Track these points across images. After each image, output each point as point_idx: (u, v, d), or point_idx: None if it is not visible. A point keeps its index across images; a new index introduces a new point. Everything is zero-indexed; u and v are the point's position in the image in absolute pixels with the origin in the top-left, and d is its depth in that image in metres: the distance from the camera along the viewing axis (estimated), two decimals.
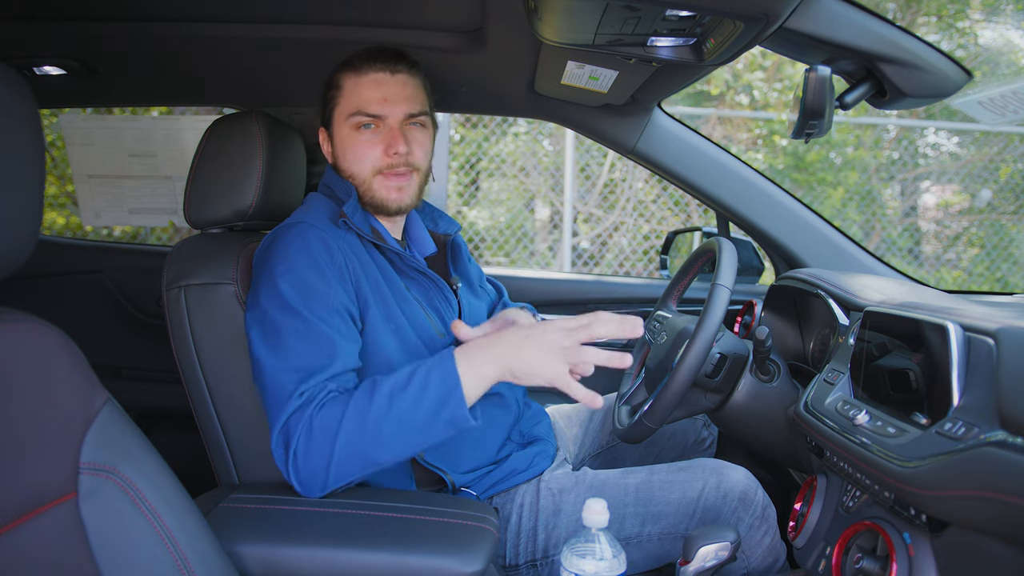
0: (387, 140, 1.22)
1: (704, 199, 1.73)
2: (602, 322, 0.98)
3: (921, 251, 5.19)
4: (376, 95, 1.22)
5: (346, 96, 1.24)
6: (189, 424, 1.24)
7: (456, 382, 0.98)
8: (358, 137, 1.23)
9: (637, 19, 0.99)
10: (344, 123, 1.24)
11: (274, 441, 1.01)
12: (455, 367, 0.99)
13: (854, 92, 1.17)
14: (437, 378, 0.99)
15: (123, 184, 2.19)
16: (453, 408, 0.98)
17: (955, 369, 0.84)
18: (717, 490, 1.22)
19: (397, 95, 1.23)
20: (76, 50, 1.46)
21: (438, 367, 1.00)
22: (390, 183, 1.23)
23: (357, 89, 1.23)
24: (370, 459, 0.99)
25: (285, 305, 1.06)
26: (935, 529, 0.84)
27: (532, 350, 0.98)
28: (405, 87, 1.24)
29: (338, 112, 1.25)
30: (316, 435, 0.98)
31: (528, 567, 1.23)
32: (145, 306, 2.12)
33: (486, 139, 4.88)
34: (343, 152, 1.25)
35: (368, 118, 1.22)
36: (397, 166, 1.23)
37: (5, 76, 0.67)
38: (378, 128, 1.23)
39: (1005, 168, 5.08)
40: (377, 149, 1.22)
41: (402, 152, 1.22)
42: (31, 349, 0.70)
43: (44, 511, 0.68)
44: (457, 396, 0.98)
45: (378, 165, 1.23)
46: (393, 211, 1.26)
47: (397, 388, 0.99)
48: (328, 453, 0.98)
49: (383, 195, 1.24)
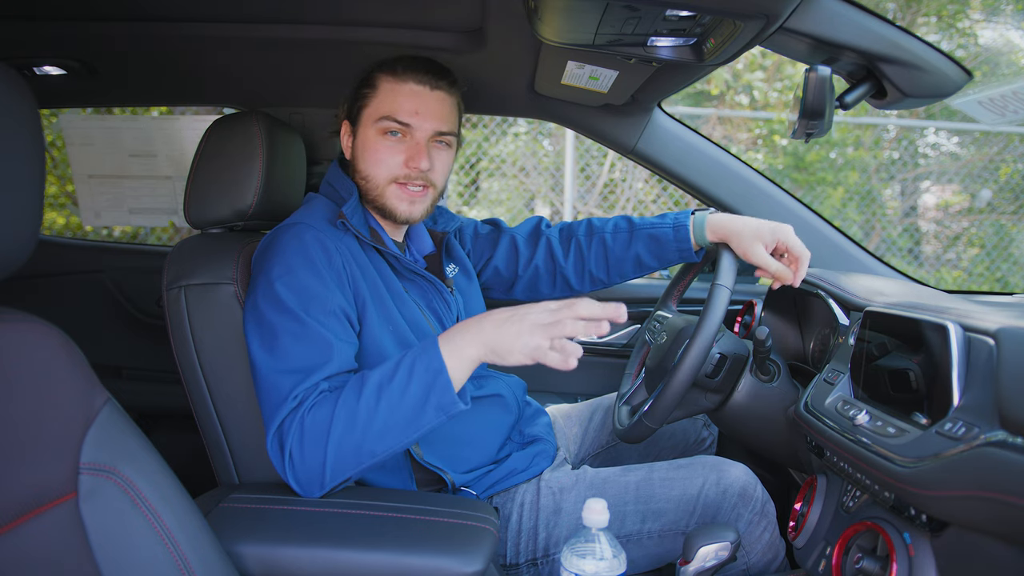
0: (411, 152, 1.21)
1: (704, 199, 1.73)
2: (585, 303, 0.97)
3: (921, 251, 5.19)
4: (410, 105, 1.21)
5: (380, 98, 1.22)
6: (189, 424, 1.24)
7: (440, 367, 0.99)
8: (382, 141, 1.22)
9: (637, 19, 0.99)
10: (372, 124, 1.22)
11: (270, 443, 1.01)
12: (439, 352, 1.00)
13: (854, 92, 1.17)
14: (422, 365, 0.99)
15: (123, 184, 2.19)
16: (440, 393, 0.98)
17: (955, 369, 0.84)
18: (717, 486, 1.22)
19: (431, 110, 1.22)
20: (76, 50, 1.46)
21: (423, 354, 1.00)
22: (404, 194, 1.23)
23: (393, 95, 1.21)
24: (364, 453, 0.99)
25: (282, 307, 1.06)
26: (935, 529, 0.84)
27: (514, 327, 0.98)
28: (441, 104, 1.23)
29: (368, 112, 1.23)
30: (308, 435, 0.99)
31: (529, 566, 1.23)
32: (145, 306, 2.12)
33: (486, 139, 4.88)
34: (363, 153, 1.24)
35: (397, 125, 1.21)
36: (415, 179, 1.22)
37: (5, 76, 0.67)
38: (404, 138, 1.22)
39: (1005, 168, 5.08)
40: (399, 158, 1.21)
41: (423, 168, 1.21)
42: (31, 349, 0.70)
43: (44, 511, 0.68)
44: (443, 381, 0.98)
45: (396, 174, 1.22)
46: (401, 221, 1.25)
47: (384, 379, 1.00)
48: (322, 452, 0.98)
49: (394, 204, 1.23)
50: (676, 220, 1.37)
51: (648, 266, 1.42)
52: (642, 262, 1.41)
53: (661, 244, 1.38)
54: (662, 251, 1.39)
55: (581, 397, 1.87)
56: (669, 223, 1.38)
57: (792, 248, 1.27)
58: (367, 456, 0.99)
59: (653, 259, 1.40)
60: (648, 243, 1.39)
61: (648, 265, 1.42)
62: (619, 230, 1.42)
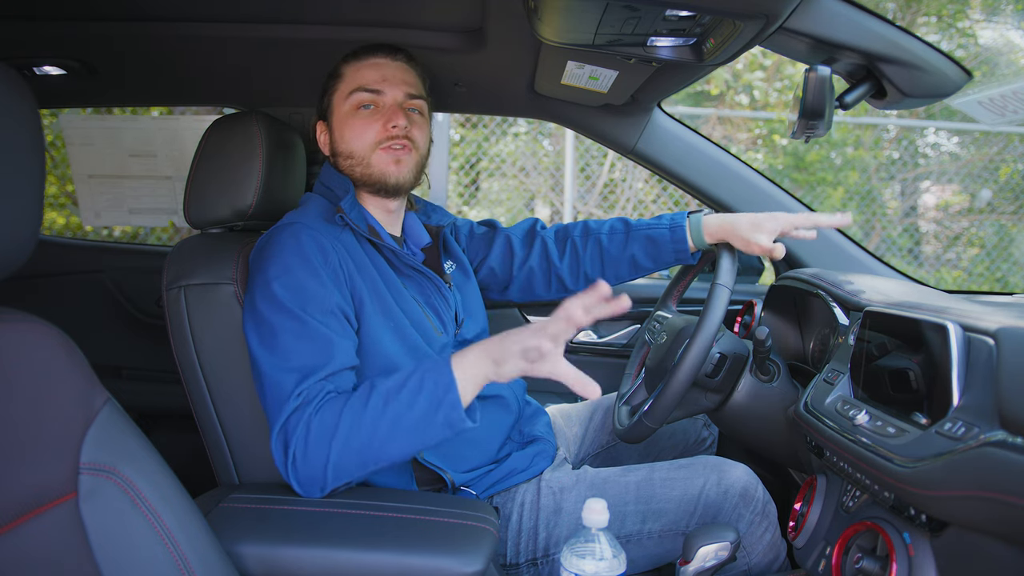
0: (386, 116, 1.24)
1: (704, 199, 1.73)
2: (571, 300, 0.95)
3: (921, 251, 5.19)
4: (376, 75, 1.25)
5: (346, 80, 1.27)
6: (189, 424, 1.24)
7: (450, 384, 0.99)
8: (357, 116, 1.25)
9: (637, 19, 0.99)
10: (344, 103, 1.25)
11: (274, 442, 1.01)
12: (450, 370, 1.00)
13: (854, 92, 1.17)
14: (431, 381, 1.00)
15: (123, 184, 2.19)
16: (448, 410, 0.98)
17: (955, 369, 0.84)
18: (718, 487, 1.22)
19: (396, 76, 1.26)
20: (76, 50, 1.46)
21: (433, 370, 1.01)
22: (389, 155, 1.24)
23: (357, 72, 1.26)
24: (368, 460, 1.00)
25: (280, 307, 1.06)
26: (935, 529, 0.84)
27: (516, 335, 0.99)
28: (404, 72, 1.28)
29: (337, 96, 1.27)
30: (314, 436, 0.99)
31: (529, 566, 1.23)
32: (145, 306, 2.12)
33: (486, 139, 4.88)
34: (342, 134, 1.26)
35: (368, 95, 1.24)
36: (397, 138, 1.24)
37: (5, 76, 0.67)
38: (377, 108, 1.25)
39: (1005, 168, 5.08)
40: (376, 124, 1.24)
41: (401, 125, 1.23)
42: (31, 349, 0.70)
43: (44, 511, 0.68)
44: (452, 398, 0.99)
45: (378, 139, 1.24)
46: (392, 186, 1.25)
47: (393, 390, 1.00)
48: (326, 454, 0.99)
49: (382, 168, 1.24)
50: (673, 221, 1.38)
51: (644, 267, 1.42)
52: (638, 263, 1.41)
53: (658, 245, 1.38)
54: (658, 252, 1.39)
55: (581, 397, 1.87)
56: (666, 224, 1.38)
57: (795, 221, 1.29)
58: (371, 462, 1.00)
59: (649, 260, 1.40)
60: (644, 244, 1.39)
61: (644, 267, 1.42)
62: (615, 231, 1.43)
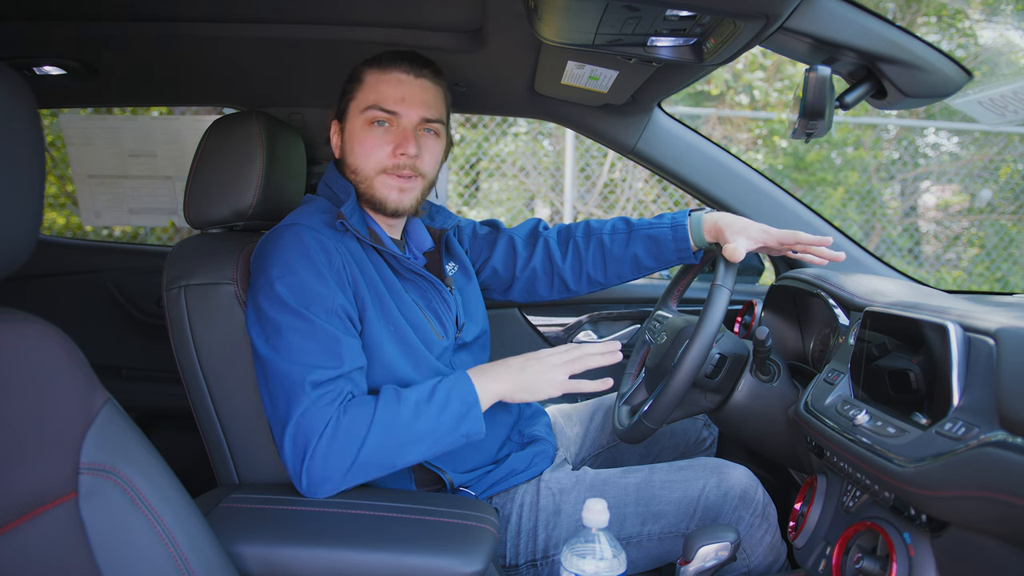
0: (398, 140, 1.21)
1: (704, 199, 1.73)
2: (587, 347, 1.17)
3: (921, 251, 5.19)
4: (395, 93, 1.21)
5: (365, 90, 1.23)
6: (189, 424, 1.24)
7: (475, 400, 1.09)
8: (369, 132, 1.22)
9: (637, 19, 0.99)
10: (358, 116, 1.22)
11: (286, 437, 1.01)
12: (473, 386, 1.10)
13: (854, 92, 1.17)
14: (458, 395, 1.09)
15: (123, 184, 2.19)
16: (471, 423, 1.08)
17: (955, 369, 0.84)
18: (718, 489, 1.22)
19: (416, 97, 1.22)
20: (76, 50, 1.46)
21: (458, 384, 1.10)
22: (393, 183, 1.22)
23: (377, 84, 1.22)
24: (390, 463, 1.04)
25: (284, 306, 1.06)
26: (935, 529, 0.84)
27: (536, 366, 1.14)
28: (425, 91, 1.23)
29: (354, 105, 1.24)
30: (342, 436, 1.00)
31: (528, 567, 1.23)
32: (145, 306, 2.12)
33: (486, 139, 4.87)
34: (351, 146, 1.24)
35: (383, 114, 1.21)
36: (403, 168, 1.21)
37: (5, 76, 0.67)
38: (391, 127, 1.22)
39: (1005, 168, 5.08)
40: (387, 148, 1.21)
41: (411, 154, 1.20)
42: (31, 349, 0.70)
43: (44, 511, 0.68)
44: (475, 413, 1.09)
45: (384, 164, 1.21)
46: (390, 211, 1.24)
47: (422, 399, 1.07)
48: (353, 454, 1.00)
49: (383, 193, 1.23)
50: (674, 220, 1.38)
51: (646, 267, 1.42)
52: (640, 263, 1.41)
53: (659, 244, 1.38)
54: (660, 251, 1.39)
55: (581, 397, 1.87)
56: (667, 223, 1.38)
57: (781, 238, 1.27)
58: (389, 465, 1.04)
59: (651, 260, 1.40)
60: (646, 243, 1.39)
61: (646, 266, 1.42)
62: (617, 231, 1.43)
